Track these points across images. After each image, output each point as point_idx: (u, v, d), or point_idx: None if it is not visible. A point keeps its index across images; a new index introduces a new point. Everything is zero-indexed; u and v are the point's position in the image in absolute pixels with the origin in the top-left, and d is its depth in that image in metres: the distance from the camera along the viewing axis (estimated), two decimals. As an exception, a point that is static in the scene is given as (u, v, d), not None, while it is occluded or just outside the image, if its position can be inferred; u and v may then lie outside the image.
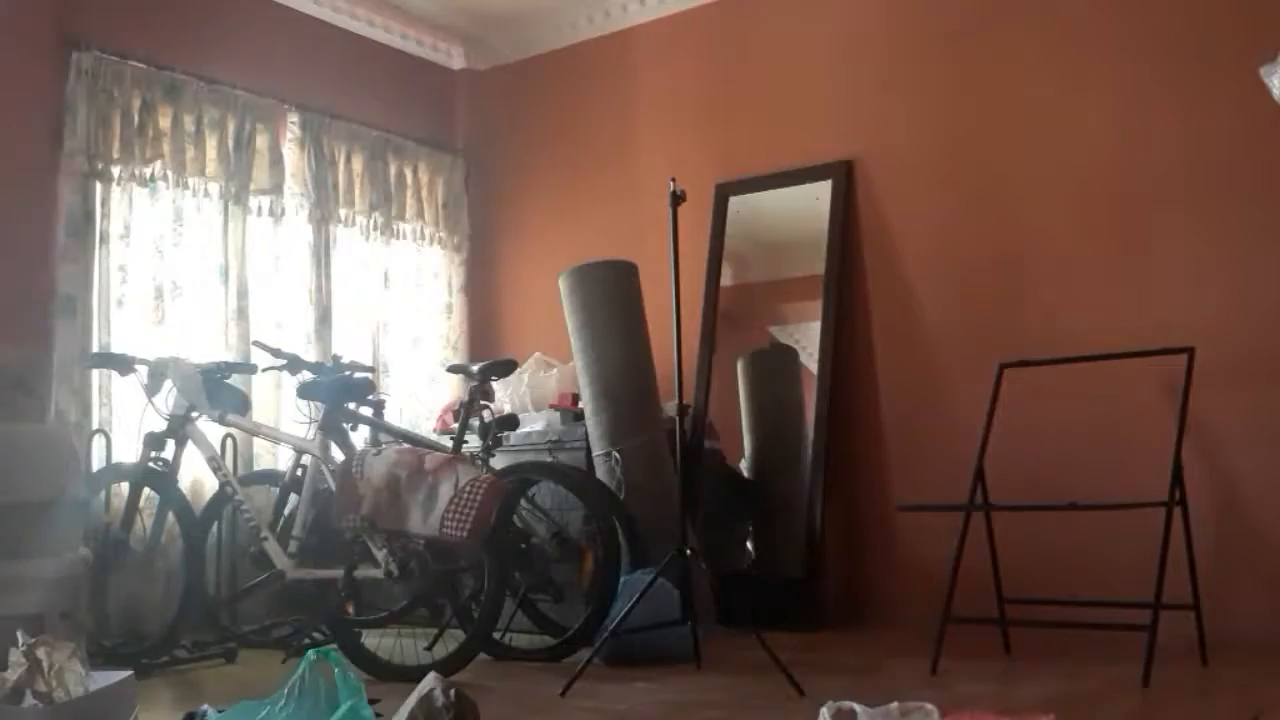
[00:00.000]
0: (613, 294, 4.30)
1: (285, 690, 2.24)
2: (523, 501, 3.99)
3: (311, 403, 3.90)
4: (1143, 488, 3.39)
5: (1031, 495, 3.83)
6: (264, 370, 4.35)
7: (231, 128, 4.65)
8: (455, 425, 3.91)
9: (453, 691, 2.23)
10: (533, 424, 4.51)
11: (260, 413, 4.47)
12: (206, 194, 4.59)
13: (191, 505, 4.03)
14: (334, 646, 3.54)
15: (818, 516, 4.36)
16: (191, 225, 4.56)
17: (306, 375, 4.10)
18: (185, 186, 4.51)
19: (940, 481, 4.13)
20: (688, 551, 3.35)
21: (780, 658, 3.07)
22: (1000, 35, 4.36)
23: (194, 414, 3.84)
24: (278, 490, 4.12)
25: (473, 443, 3.89)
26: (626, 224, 5.19)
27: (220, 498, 3.99)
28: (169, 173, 4.44)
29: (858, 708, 2.32)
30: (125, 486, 3.88)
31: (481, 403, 3.90)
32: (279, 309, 4.86)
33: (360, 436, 4.24)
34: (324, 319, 4.97)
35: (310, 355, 4.75)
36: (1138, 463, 3.73)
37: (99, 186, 4.21)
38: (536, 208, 5.66)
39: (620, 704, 2.99)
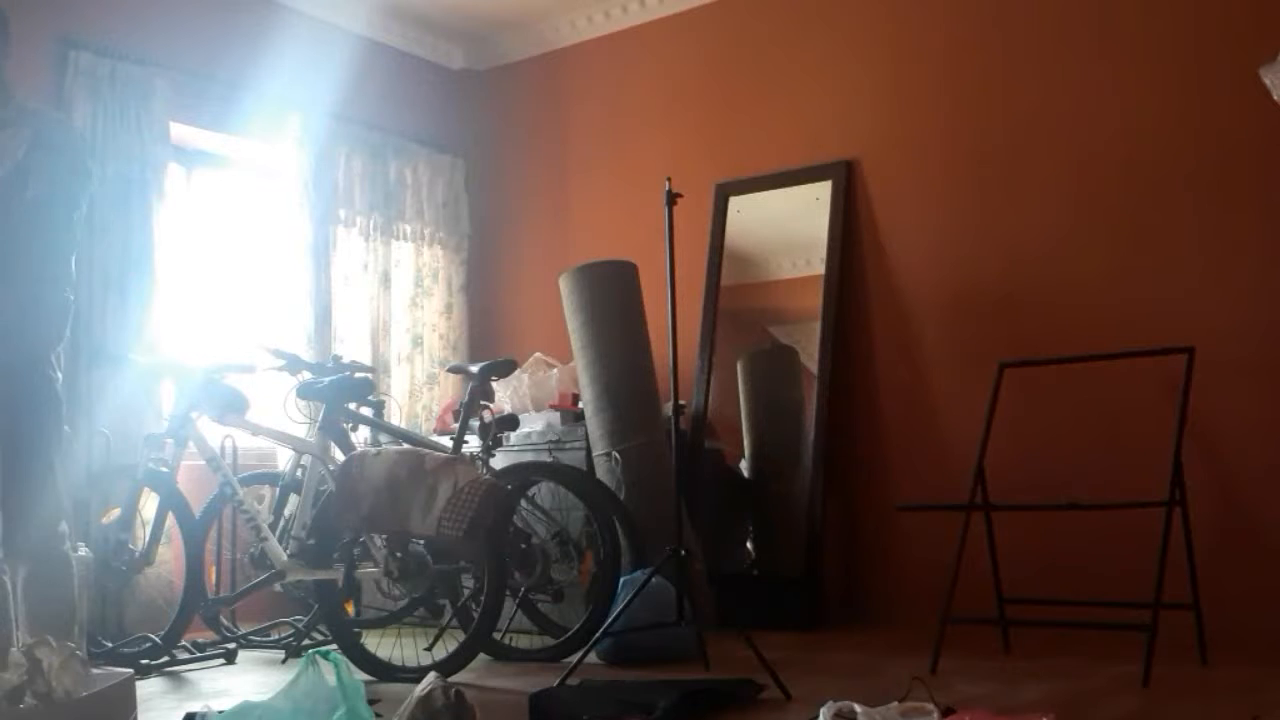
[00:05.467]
0: (613, 294, 4.31)
1: (285, 690, 2.24)
2: (523, 501, 3.99)
3: (311, 403, 3.90)
4: (1143, 488, 3.39)
5: (1031, 495, 3.82)
6: (264, 370, 4.35)
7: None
8: (455, 425, 3.91)
9: (453, 691, 2.23)
10: (533, 424, 4.52)
11: (260, 413, 4.47)
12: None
13: (191, 505, 4.03)
14: (334, 646, 3.56)
15: (818, 516, 4.36)
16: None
17: (306, 375, 4.11)
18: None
19: (940, 481, 4.14)
20: (683, 552, 3.35)
21: (777, 657, 3.07)
22: (1001, 35, 4.36)
23: (194, 414, 3.84)
24: (278, 490, 4.13)
25: (473, 443, 3.90)
26: (627, 224, 5.20)
27: (220, 498, 3.99)
28: (168, 172, 4.45)
29: (858, 708, 2.33)
30: (125, 487, 3.88)
31: (481, 403, 3.90)
32: (279, 309, 4.86)
33: (360, 436, 4.24)
34: (324, 319, 4.97)
35: (310, 355, 4.75)
36: (1138, 463, 3.73)
37: (98, 185, 4.20)
38: (536, 208, 5.66)
39: (620, 704, 2.98)
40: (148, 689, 3.30)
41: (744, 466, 4.72)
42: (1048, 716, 2.41)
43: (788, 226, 4.79)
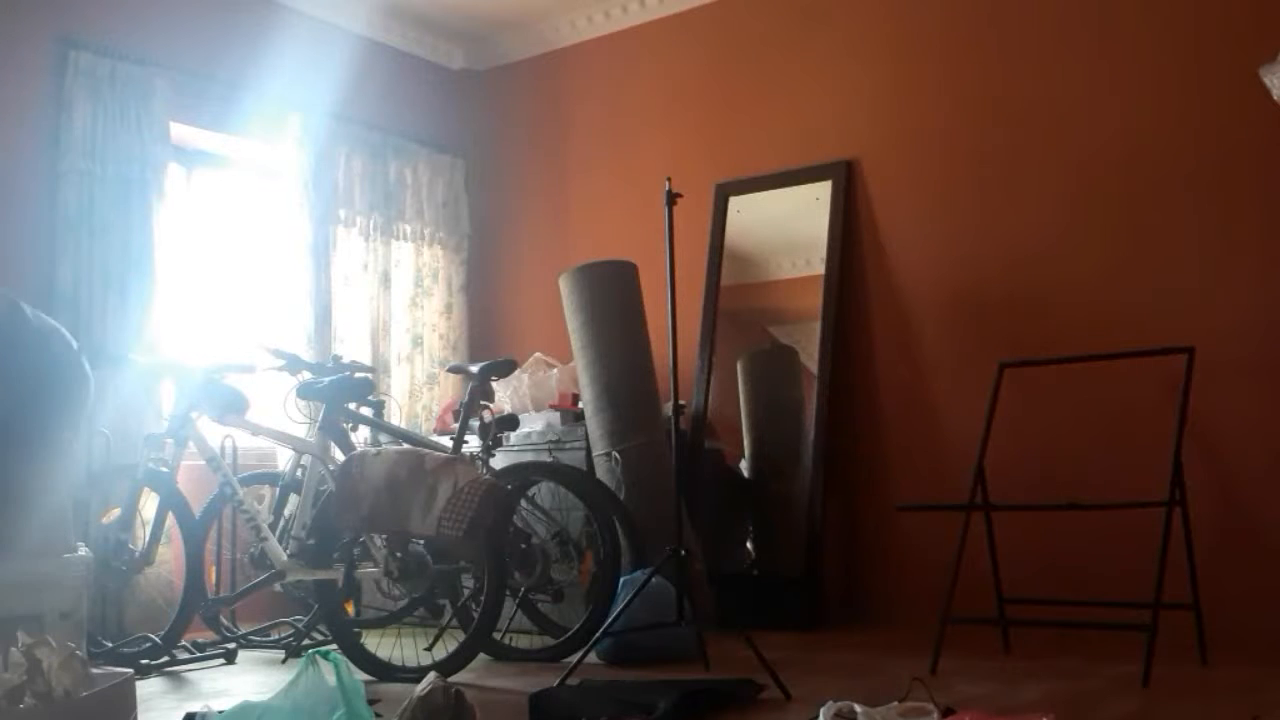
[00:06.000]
0: (613, 294, 4.31)
1: (285, 690, 2.24)
2: (523, 501, 3.99)
3: (311, 403, 3.90)
4: (1143, 488, 3.39)
5: (1031, 495, 3.83)
6: (264, 370, 4.36)
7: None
8: (455, 425, 3.91)
9: (453, 691, 2.23)
10: (533, 424, 4.52)
11: (260, 413, 4.47)
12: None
13: (191, 505, 4.03)
14: (334, 646, 3.56)
15: (818, 516, 4.36)
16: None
17: (306, 375, 4.11)
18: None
19: (940, 481, 4.14)
20: (683, 552, 3.35)
21: (777, 657, 3.07)
22: (1000, 35, 4.36)
23: (194, 414, 3.84)
24: (278, 490, 4.13)
25: (473, 443, 3.90)
26: (627, 224, 5.20)
27: (220, 498, 3.99)
28: (168, 172, 4.44)
29: (858, 708, 2.33)
30: (125, 487, 3.88)
31: (481, 403, 3.90)
32: (279, 309, 4.87)
33: (360, 436, 4.24)
34: (324, 319, 4.97)
35: (310, 355, 4.75)
36: (1138, 463, 3.73)
37: (98, 185, 4.20)
38: (536, 208, 5.66)
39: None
40: (148, 689, 3.30)
41: (744, 466, 4.72)
42: (1048, 716, 2.41)
43: (788, 226, 4.79)
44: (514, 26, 5.63)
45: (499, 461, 4.00)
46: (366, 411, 4.17)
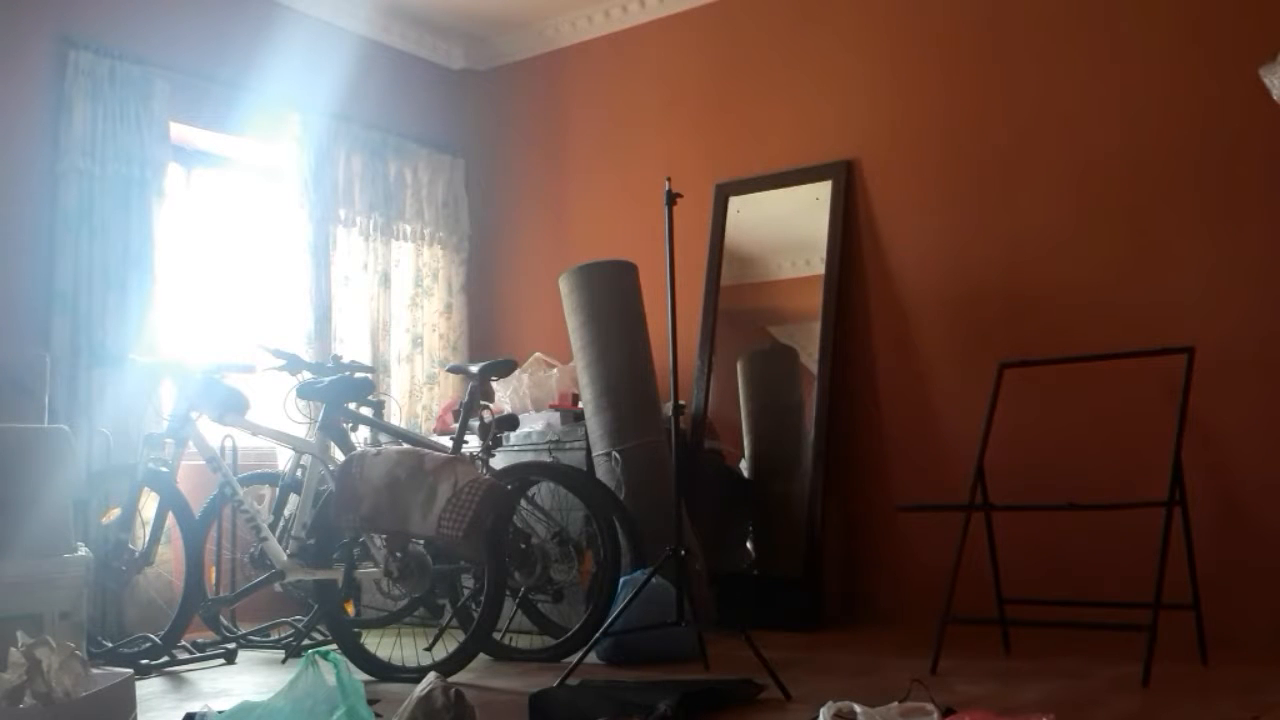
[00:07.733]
0: (613, 294, 4.31)
1: (285, 690, 2.24)
2: (523, 501, 3.99)
3: (311, 403, 3.90)
4: (1143, 488, 3.39)
5: (1031, 495, 3.83)
6: (264, 370, 4.36)
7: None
8: (455, 425, 3.91)
9: (453, 691, 2.23)
10: (533, 424, 4.52)
11: (260, 413, 4.47)
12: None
13: (191, 505, 4.04)
14: (334, 646, 3.56)
15: (817, 516, 4.36)
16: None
17: (306, 375, 4.11)
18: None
19: (940, 481, 4.14)
20: (683, 552, 3.35)
21: (777, 657, 3.07)
22: (1001, 34, 4.36)
23: (194, 414, 3.84)
24: (278, 490, 4.13)
25: (473, 443, 3.90)
26: (627, 224, 5.20)
27: (220, 498, 3.99)
28: (168, 172, 4.44)
29: (858, 708, 2.33)
30: (125, 487, 3.88)
31: (481, 403, 3.90)
32: (279, 309, 4.86)
33: (360, 436, 4.24)
34: (324, 319, 4.97)
35: (310, 355, 4.75)
36: (1138, 463, 3.74)
37: (97, 185, 4.20)
38: (536, 208, 5.66)
39: (620, 704, 2.98)
40: (148, 689, 3.30)
41: (744, 466, 4.72)
42: (1048, 716, 2.41)
43: (788, 226, 4.79)
44: (514, 26, 5.63)
45: (499, 461, 4.00)
46: (366, 411, 4.17)
